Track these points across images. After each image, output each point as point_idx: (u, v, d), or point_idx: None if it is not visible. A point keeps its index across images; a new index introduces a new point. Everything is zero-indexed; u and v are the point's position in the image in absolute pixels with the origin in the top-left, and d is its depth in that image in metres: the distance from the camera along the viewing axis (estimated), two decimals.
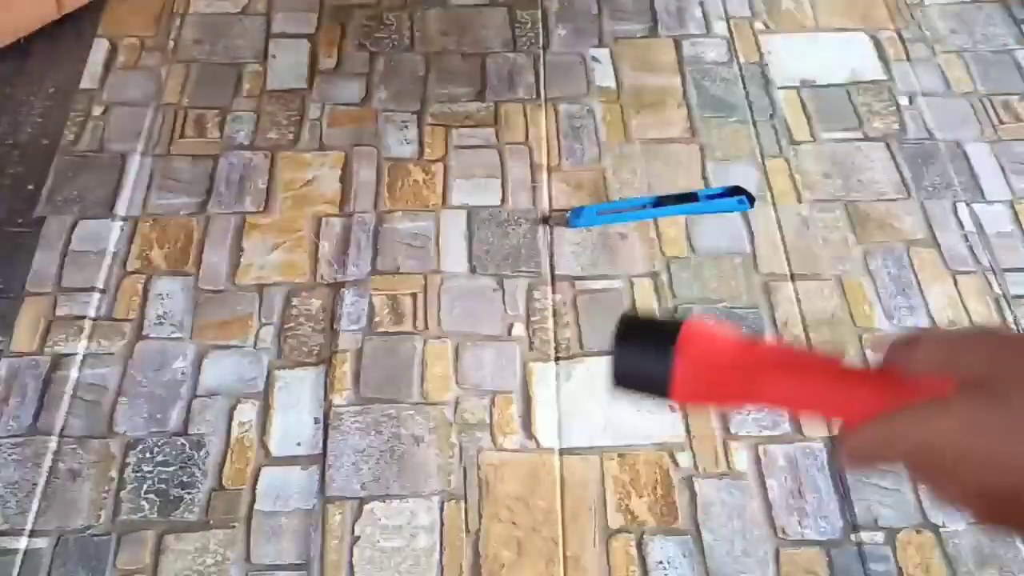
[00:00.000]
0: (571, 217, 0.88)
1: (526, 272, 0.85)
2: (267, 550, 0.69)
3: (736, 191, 0.89)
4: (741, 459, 0.74)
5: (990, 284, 0.85)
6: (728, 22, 1.07)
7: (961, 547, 0.70)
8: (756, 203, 0.89)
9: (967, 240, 0.88)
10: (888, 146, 0.95)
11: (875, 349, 0.52)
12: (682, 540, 0.70)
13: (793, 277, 0.85)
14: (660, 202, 0.88)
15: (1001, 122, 0.97)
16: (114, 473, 0.73)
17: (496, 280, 0.85)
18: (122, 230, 0.87)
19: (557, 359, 0.80)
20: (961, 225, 0.89)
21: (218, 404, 0.76)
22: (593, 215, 0.88)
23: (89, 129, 0.95)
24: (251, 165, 0.92)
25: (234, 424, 0.75)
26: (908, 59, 1.03)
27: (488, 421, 0.76)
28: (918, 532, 0.71)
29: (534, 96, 0.99)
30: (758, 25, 1.06)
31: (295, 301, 0.83)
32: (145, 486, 0.72)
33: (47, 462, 0.73)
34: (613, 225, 0.88)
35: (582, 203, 0.90)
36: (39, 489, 0.72)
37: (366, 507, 0.72)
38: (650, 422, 0.76)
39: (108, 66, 1.01)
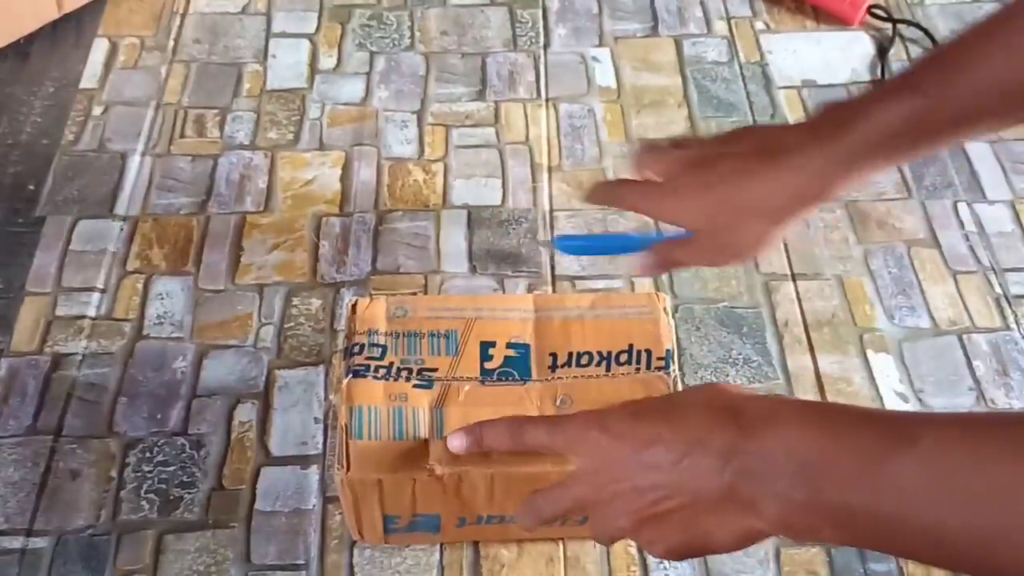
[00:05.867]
0: (555, 240, 0.85)
1: (526, 272, 0.85)
2: (267, 550, 0.69)
3: None
4: None
5: (991, 284, 0.85)
6: (729, 21, 1.07)
7: None
8: None
9: (968, 240, 0.88)
10: None
11: None
12: None
13: (794, 277, 0.85)
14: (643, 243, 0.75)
15: None
16: (114, 473, 0.73)
17: (496, 280, 0.85)
18: (122, 230, 0.87)
19: None
20: (962, 225, 0.89)
21: (218, 404, 0.76)
22: (577, 246, 0.83)
23: (89, 129, 0.95)
24: (251, 165, 0.92)
25: (234, 424, 0.75)
26: (909, 59, 1.03)
27: None
28: None
29: (534, 96, 0.99)
30: (759, 24, 1.06)
31: (295, 301, 0.83)
32: (145, 486, 0.72)
33: (47, 462, 0.73)
34: (614, 224, 0.88)
35: (583, 202, 0.90)
36: (39, 489, 0.72)
37: None
38: None
39: (108, 66, 1.01)
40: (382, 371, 0.63)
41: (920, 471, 0.40)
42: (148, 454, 0.73)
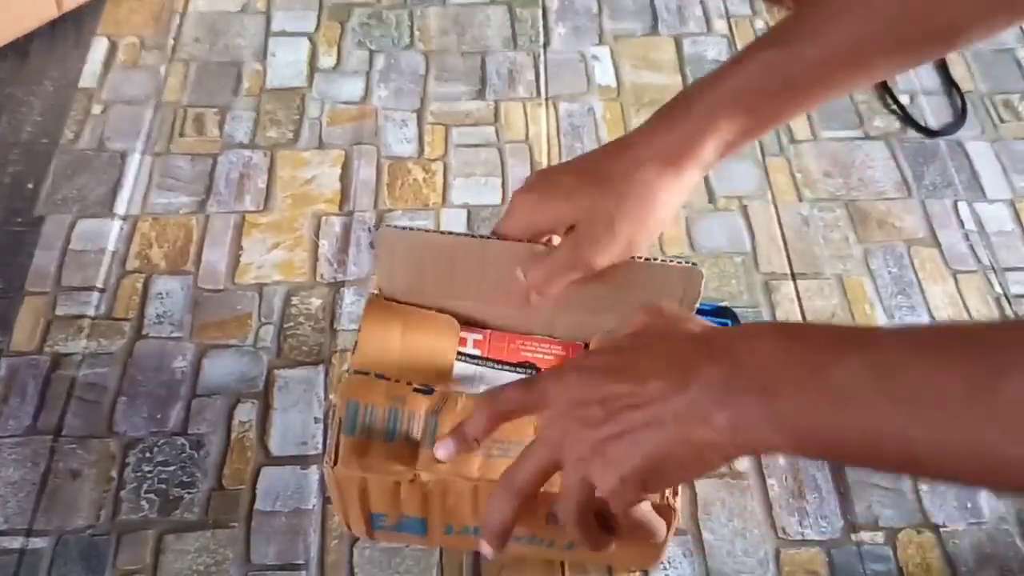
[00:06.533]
0: None
1: None
2: (267, 550, 0.69)
3: (723, 312, 0.81)
4: (742, 459, 0.74)
5: (991, 283, 0.85)
6: (729, 20, 1.07)
7: (961, 547, 0.70)
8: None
9: (968, 239, 0.88)
10: (888, 145, 0.95)
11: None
12: (682, 539, 0.70)
13: (794, 276, 0.85)
14: None
15: (1002, 120, 0.97)
16: (114, 473, 0.73)
17: None
18: (121, 229, 0.87)
19: None
20: (962, 224, 0.89)
21: (218, 404, 0.76)
22: None
23: (88, 128, 0.95)
24: (250, 164, 0.92)
25: (234, 424, 0.75)
26: None
27: None
28: (918, 532, 0.71)
29: (534, 94, 0.99)
30: (759, 23, 1.06)
31: (295, 300, 0.83)
32: (145, 486, 0.72)
33: (47, 462, 0.73)
34: None
35: None
36: (39, 489, 0.72)
37: None
38: None
39: (108, 65, 1.00)
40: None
41: (863, 374, 0.41)
42: (148, 454, 0.73)
